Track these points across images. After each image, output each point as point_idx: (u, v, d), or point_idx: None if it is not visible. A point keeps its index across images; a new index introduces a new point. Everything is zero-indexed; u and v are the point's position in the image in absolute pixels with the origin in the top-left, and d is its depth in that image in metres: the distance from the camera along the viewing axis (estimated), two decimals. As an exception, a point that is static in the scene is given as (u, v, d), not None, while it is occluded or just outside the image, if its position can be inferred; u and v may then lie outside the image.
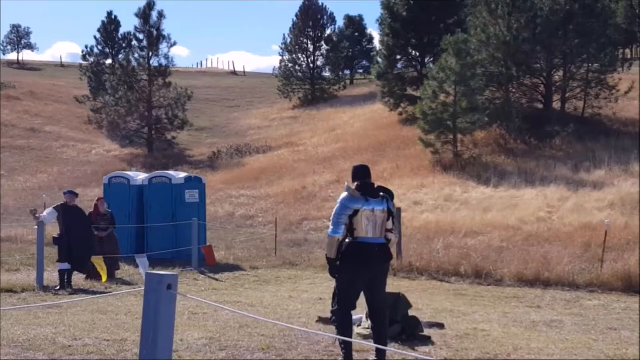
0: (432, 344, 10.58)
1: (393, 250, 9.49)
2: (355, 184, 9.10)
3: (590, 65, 41.70)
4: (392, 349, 9.35)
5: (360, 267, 8.87)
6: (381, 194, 9.11)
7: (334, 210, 8.93)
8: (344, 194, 8.95)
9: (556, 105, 42.60)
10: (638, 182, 29.60)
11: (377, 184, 9.32)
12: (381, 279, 9.14)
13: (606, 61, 41.13)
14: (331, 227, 8.87)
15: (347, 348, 8.79)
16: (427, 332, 11.20)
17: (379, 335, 9.03)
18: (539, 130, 38.82)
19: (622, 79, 41.34)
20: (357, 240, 8.84)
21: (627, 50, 74.33)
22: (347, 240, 8.88)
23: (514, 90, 42.96)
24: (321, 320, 11.69)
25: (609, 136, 37.89)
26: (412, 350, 10.06)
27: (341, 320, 8.94)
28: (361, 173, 9.18)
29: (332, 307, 9.14)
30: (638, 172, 31.05)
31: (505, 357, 9.83)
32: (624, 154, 33.80)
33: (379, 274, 9.06)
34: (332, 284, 18.15)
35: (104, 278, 17.31)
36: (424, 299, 16.12)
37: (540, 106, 42.90)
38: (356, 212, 8.82)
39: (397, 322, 10.79)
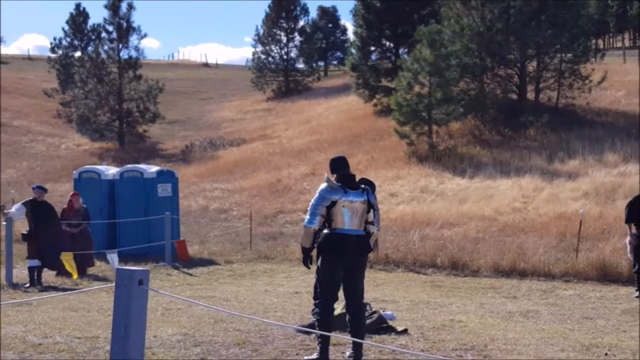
0: (409, 335, 10.53)
1: (374, 242, 9.41)
2: (334, 175, 9.03)
3: (563, 55, 41.81)
4: (369, 342, 9.26)
5: (337, 258, 8.85)
6: (362, 185, 9.05)
7: (312, 200, 8.89)
8: (323, 185, 8.96)
9: (530, 95, 42.68)
10: (612, 172, 29.74)
11: (358, 176, 9.28)
12: (359, 271, 9.08)
13: (579, 51, 41.25)
14: (307, 217, 8.88)
15: (324, 341, 8.70)
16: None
17: (356, 328, 8.94)
18: (514, 120, 38.90)
19: (595, 69, 41.49)
20: (334, 231, 8.84)
21: (600, 41, 74.81)
22: (324, 231, 8.82)
23: (488, 81, 43.01)
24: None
25: (583, 126, 38.02)
26: (388, 343, 9.99)
27: (322, 312, 8.86)
28: (340, 165, 9.15)
29: (314, 300, 9.05)
30: (612, 162, 31.19)
31: (482, 347, 9.82)
32: (598, 144, 33.91)
33: (356, 266, 9.01)
34: (308, 277, 18.11)
35: (75, 275, 17.11)
36: (400, 291, 16.09)
37: (514, 97, 42.94)
38: (334, 203, 8.80)
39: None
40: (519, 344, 10.08)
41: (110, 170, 24.59)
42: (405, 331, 10.77)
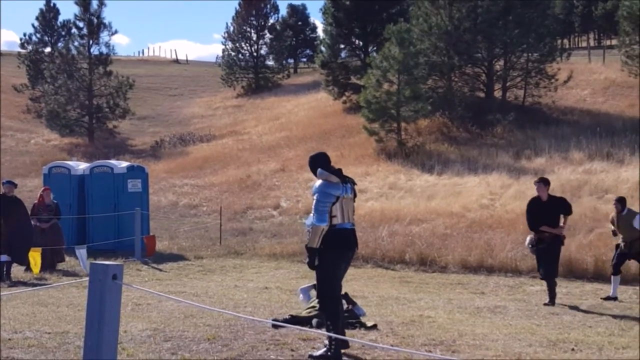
0: (378, 331, 10.60)
1: None
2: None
3: (529, 54, 42.23)
4: (338, 337, 9.31)
5: (343, 252, 8.86)
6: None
7: (316, 198, 8.71)
8: (320, 182, 8.82)
9: (497, 93, 43.00)
10: (577, 169, 30.04)
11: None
12: (348, 266, 9.20)
13: (545, 51, 41.69)
14: (315, 215, 8.67)
15: (337, 340, 8.61)
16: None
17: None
18: (481, 118, 39.16)
19: (561, 68, 41.94)
20: (336, 227, 8.72)
21: (565, 40, 75.42)
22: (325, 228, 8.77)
23: (456, 79, 43.24)
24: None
25: (549, 124, 38.35)
26: (358, 338, 10.05)
27: (335, 312, 8.82)
28: (328, 160, 9.08)
29: (321, 299, 8.99)
30: (578, 160, 31.49)
31: (450, 343, 9.88)
32: (563, 142, 34.20)
33: (350, 260, 9.15)
34: (278, 273, 18.15)
35: (36, 271, 17.12)
36: (369, 287, 16.18)
37: (481, 95, 43.25)
38: (337, 198, 8.73)
39: None
40: (487, 339, 10.17)
41: (80, 166, 24.53)
42: (374, 326, 10.79)
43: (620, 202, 15.56)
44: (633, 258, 15.43)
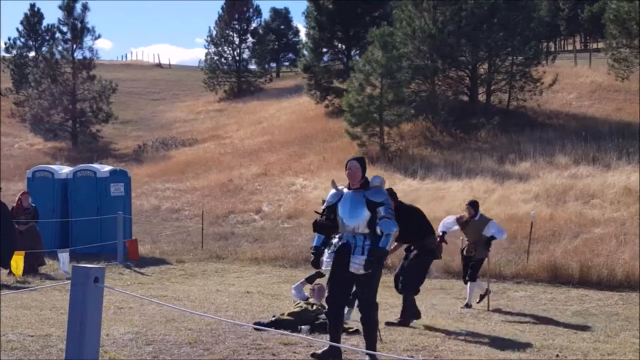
0: (360, 335, 10.57)
1: None
2: (363, 178, 9.05)
3: (514, 58, 42.23)
4: (321, 341, 9.31)
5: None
6: None
7: (389, 205, 8.89)
8: (381, 188, 8.96)
9: (481, 97, 43.02)
10: (563, 174, 30.08)
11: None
12: None
13: (530, 54, 41.68)
14: (393, 221, 8.81)
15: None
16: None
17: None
18: (465, 122, 39.15)
19: (546, 71, 42.00)
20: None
21: (551, 43, 75.59)
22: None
23: (439, 83, 43.23)
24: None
25: (534, 128, 38.34)
26: (340, 342, 10.03)
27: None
28: None
29: (371, 308, 9.06)
30: (563, 164, 31.53)
31: (433, 348, 9.89)
32: (549, 146, 34.19)
33: None
34: (259, 277, 18.09)
35: (18, 274, 17.08)
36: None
37: (465, 98, 43.28)
38: None
39: None
40: (470, 345, 10.18)
41: (64, 170, 24.58)
42: (356, 331, 10.79)
43: (473, 206, 15.36)
44: (474, 262, 15.10)
